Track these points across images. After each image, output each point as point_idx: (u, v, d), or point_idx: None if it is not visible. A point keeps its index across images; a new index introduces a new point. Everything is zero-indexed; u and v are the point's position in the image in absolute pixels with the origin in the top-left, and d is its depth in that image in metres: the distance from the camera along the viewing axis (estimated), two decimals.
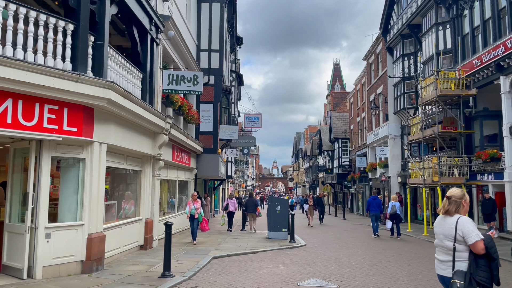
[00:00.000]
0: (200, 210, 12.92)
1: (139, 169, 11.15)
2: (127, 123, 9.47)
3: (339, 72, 65.35)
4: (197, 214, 12.81)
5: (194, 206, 12.75)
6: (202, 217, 12.98)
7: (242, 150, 42.42)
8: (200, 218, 12.90)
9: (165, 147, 12.59)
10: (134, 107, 8.98)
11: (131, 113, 9.06)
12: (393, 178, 25.71)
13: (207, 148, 18.82)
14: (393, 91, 25.66)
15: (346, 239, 15.87)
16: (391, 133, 25.98)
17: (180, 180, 16.51)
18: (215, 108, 19.05)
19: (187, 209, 12.85)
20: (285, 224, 14.66)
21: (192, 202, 12.87)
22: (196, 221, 12.89)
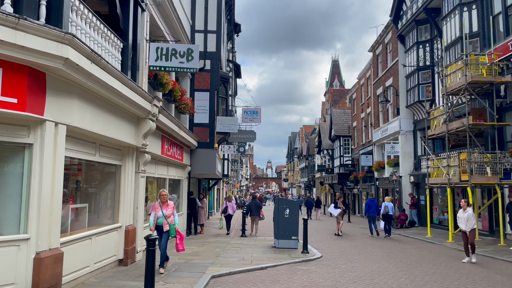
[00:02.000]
0: (172, 219, 8.60)
1: (118, 164, 8.80)
2: (100, 101, 7.14)
3: (338, 68, 63.28)
4: (168, 225, 8.50)
5: (163, 212, 8.47)
6: (175, 229, 8.61)
7: (238, 148, 40.04)
8: (172, 231, 8.54)
9: (152, 137, 10.25)
10: (107, 77, 6.64)
11: (104, 86, 6.72)
12: (404, 178, 23.56)
13: (203, 142, 16.49)
14: (405, 82, 23.52)
15: (364, 247, 13.63)
16: (403, 128, 23.82)
17: (172, 179, 14.16)
18: (211, 97, 16.73)
19: (151, 217, 8.60)
20: (294, 230, 12.39)
21: (160, 206, 8.55)
22: (166, 235, 8.56)
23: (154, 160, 11.35)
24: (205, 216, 17.60)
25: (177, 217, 8.82)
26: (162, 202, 8.65)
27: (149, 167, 10.79)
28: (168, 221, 8.55)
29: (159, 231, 8.60)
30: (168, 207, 8.66)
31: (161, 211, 8.56)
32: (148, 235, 6.03)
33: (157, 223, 8.58)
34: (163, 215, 8.52)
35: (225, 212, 17.60)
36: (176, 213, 8.83)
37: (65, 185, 7.38)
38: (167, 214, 8.58)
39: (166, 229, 8.56)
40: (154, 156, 11.03)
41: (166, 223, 8.55)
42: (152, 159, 10.98)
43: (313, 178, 66.59)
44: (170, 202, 8.79)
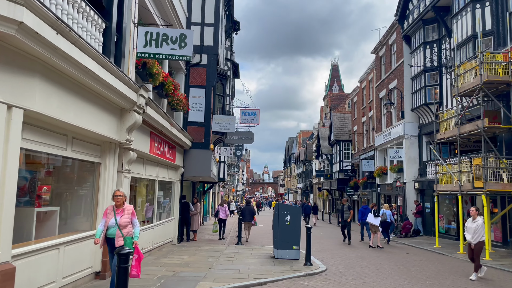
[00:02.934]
0: (130, 229, 6.40)
1: (97, 161, 7.64)
2: (73, 85, 6.01)
3: (338, 73, 62.37)
4: (122, 238, 6.22)
5: (116, 220, 6.26)
6: (134, 245, 6.34)
7: (235, 151, 38.93)
8: (128, 246, 6.18)
9: (138, 133, 9.12)
10: (79, 55, 5.52)
11: (76, 66, 5.60)
12: (409, 184, 22.45)
13: (197, 142, 15.35)
14: (411, 85, 22.50)
15: (371, 258, 12.49)
16: (407, 132, 22.76)
17: (162, 181, 13.00)
18: (207, 94, 15.61)
19: (99, 226, 6.41)
20: (296, 240, 11.24)
21: (113, 211, 6.34)
22: None
23: (141, 159, 10.20)
24: (199, 221, 16.43)
25: (137, 227, 6.55)
26: (117, 206, 6.39)
27: (135, 167, 9.63)
28: (123, 232, 6.26)
29: (110, 245, 6.32)
30: (124, 212, 6.37)
31: (114, 218, 6.27)
32: (119, 248, 4.88)
33: (107, 234, 6.28)
34: (116, 223, 6.25)
35: (217, 216, 17.39)
36: (137, 221, 6.55)
37: (32, 185, 6.26)
38: (122, 222, 6.27)
39: (120, 243, 6.14)
40: (141, 154, 9.88)
41: (119, 235, 6.21)
42: (139, 158, 9.83)
43: (311, 184, 65.52)
44: (129, 207, 6.52)
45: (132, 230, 6.48)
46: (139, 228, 6.59)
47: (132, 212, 6.53)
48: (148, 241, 11.11)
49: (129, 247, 6.23)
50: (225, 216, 17.36)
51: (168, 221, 13.72)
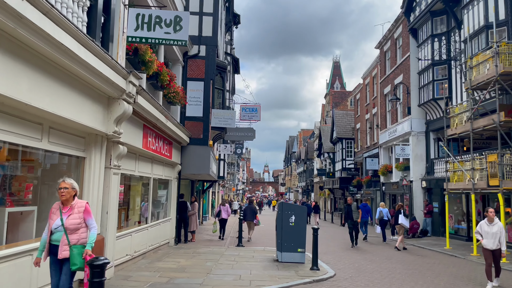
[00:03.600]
0: (81, 235, 4.85)
1: (81, 155, 6.82)
2: (49, 66, 5.20)
3: (339, 70, 61.51)
4: (69, 248, 4.69)
5: (62, 221, 4.75)
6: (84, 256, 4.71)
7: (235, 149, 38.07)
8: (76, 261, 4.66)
9: (129, 125, 8.31)
10: (53, 29, 4.70)
11: (49, 42, 4.78)
12: (415, 183, 21.63)
13: (195, 138, 14.53)
14: (418, 79, 21.67)
15: (381, 261, 11.67)
16: (414, 129, 21.93)
17: (158, 179, 12.19)
18: (206, 87, 14.78)
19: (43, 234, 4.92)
20: (301, 242, 10.43)
21: (60, 210, 4.85)
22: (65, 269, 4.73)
23: (133, 155, 9.38)
24: (196, 222, 15.62)
25: (94, 230, 4.92)
26: (63, 202, 4.83)
27: (126, 163, 8.82)
28: (70, 238, 4.68)
29: (52, 256, 4.76)
30: (74, 211, 4.80)
31: (60, 219, 4.73)
32: (93, 259, 4.06)
33: (51, 240, 4.75)
34: (62, 224, 4.70)
35: (218, 216, 16.81)
36: (93, 223, 4.96)
37: (3, 182, 5.46)
38: (70, 224, 4.72)
39: (64, 255, 4.63)
40: (133, 149, 9.07)
41: (65, 243, 4.66)
42: (130, 153, 9.02)
43: (312, 183, 64.80)
44: (80, 203, 4.92)
45: (85, 236, 4.88)
46: (96, 232, 4.96)
47: (86, 210, 4.91)
48: (141, 243, 10.31)
49: (78, 260, 4.63)
50: (227, 216, 16.86)
51: (164, 221, 12.91)
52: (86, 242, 4.85)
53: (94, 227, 4.99)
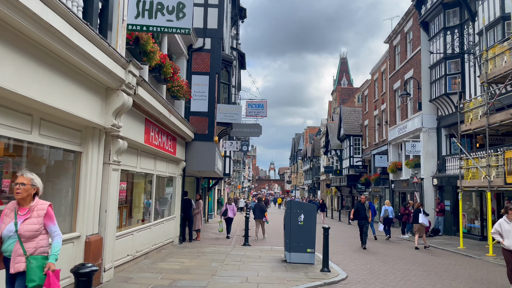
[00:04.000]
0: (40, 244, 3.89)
1: (77, 150, 6.38)
2: (39, 52, 4.76)
3: (346, 66, 60.79)
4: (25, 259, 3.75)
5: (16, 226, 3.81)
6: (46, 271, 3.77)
7: (241, 147, 37.63)
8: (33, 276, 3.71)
9: (129, 119, 7.86)
10: (37, 6, 4.23)
11: (33, 20, 4.31)
12: (426, 180, 21.04)
13: (200, 134, 14.08)
14: (429, 74, 21.05)
15: (394, 262, 11.16)
16: (425, 125, 21.32)
17: (161, 175, 11.76)
18: (211, 81, 14.31)
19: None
20: (310, 241, 9.94)
21: (15, 212, 3.89)
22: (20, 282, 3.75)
23: (135, 150, 8.94)
24: (201, 220, 15.19)
25: (58, 239, 4.02)
26: (19, 202, 3.94)
27: (127, 158, 8.38)
28: (26, 247, 3.78)
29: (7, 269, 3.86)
30: (32, 214, 3.90)
31: (14, 223, 3.82)
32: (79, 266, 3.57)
33: (3, 249, 3.84)
34: (16, 231, 3.79)
35: (225, 215, 16.43)
36: (56, 230, 4.07)
37: None
38: (25, 231, 3.81)
39: (18, 268, 3.74)
40: (135, 144, 8.63)
41: (20, 254, 3.76)
42: (131, 148, 8.58)
43: (318, 180, 64.26)
44: (41, 204, 3.99)
45: (45, 243, 3.93)
46: (60, 241, 4.05)
47: (48, 214, 3.97)
48: (144, 243, 9.88)
49: (37, 275, 3.70)
50: (233, 215, 16.62)
51: (168, 219, 12.48)
52: (47, 251, 3.91)
53: (58, 235, 4.01)
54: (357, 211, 14.59)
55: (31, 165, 5.64)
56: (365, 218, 14.38)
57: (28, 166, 5.70)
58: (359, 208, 14.66)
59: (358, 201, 15.28)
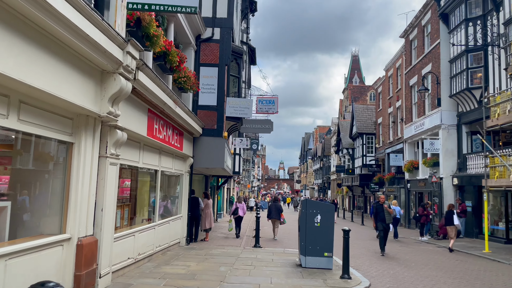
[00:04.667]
0: None
1: (67, 140, 5.63)
2: (15, 20, 3.99)
3: (358, 64, 59.62)
4: None
5: None
6: None
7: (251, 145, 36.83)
8: None
9: (130, 107, 7.10)
10: None
11: None
12: (446, 180, 20.02)
13: (209, 129, 13.30)
14: (449, 68, 20.03)
15: (418, 267, 10.25)
16: (445, 122, 20.30)
17: (167, 172, 11.01)
18: (221, 73, 13.53)
19: None
20: (328, 244, 9.10)
21: None
22: None
23: (136, 144, 8.19)
24: (211, 219, 14.42)
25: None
26: None
27: (128, 152, 7.63)
28: None
29: None
30: None
31: None
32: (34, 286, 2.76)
33: None
34: None
35: (235, 214, 16.02)
36: None
37: None
38: None
39: None
40: (136, 137, 7.87)
41: None
42: (133, 141, 7.83)
43: (328, 180, 63.30)
44: None
45: None
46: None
47: None
48: (147, 245, 9.13)
49: None
50: (243, 214, 16.27)
51: (174, 219, 11.73)
52: None
53: None
54: (376, 213, 13.03)
55: (12, 157, 4.90)
56: (385, 221, 12.71)
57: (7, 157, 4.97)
58: (378, 209, 13.09)
59: (376, 202, 13.69)
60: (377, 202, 13.55)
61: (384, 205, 13.11)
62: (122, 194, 8.69)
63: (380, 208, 13.02)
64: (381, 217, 12.80)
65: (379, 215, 12.86)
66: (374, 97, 50.02)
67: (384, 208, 13.00)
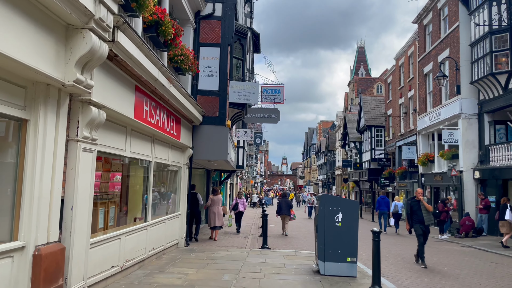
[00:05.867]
0: None
1: (19, 116, 4.21)
2: None
3: (364, 55, 57.95)
4: None
5: None
6: None
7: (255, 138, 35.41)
8: None
9: (110, 81, 5.66)
10: None
11: None
12: (466, 173, 18.55)
13: (210, 116, 11.88)
14: (470, 52, 18.53)
15: (457, 275, 8.82)
16: (465, 111, 18.81)
17: (162, 164, 9.61)
18: (223, 55, 12.08)
19: None
20: (351, 248, 7.67)
21: None
22: None
23: (122, 128, 6.76)
24: (219, 215, 13.18)
25: None
26: None
27: (110, 137, 6.21)
28: None
29: None
30: None
31: None
32: None
33: None
34: None
35: (235, 209, 15.85)
36: None
37: None
38: None
39: None
40: (120, 119, 6.45)
41: None
42: (116, 125, 6.42)
43: (333, 175, 61.97)
44: None
45: None
46: None
47: None
48: (137, 249, 7.73)
49: None
50: (244, 209, 16.14)
51: (171, 218, 10.33)
52: None
53: None
54: (412, 212, 9.98)
55: None
56: (424, 222, 9.78)
57: None
58: (413, 207, 9.98)
59: (412, 198, 10.41)
60: (412, 198, 10.35)
61: (423, 200, 9.92)
62: (112, 189, 7.33)
63: (416, 206, 9.93)
64: (418, 218, 9.82)
65: (416, 215, 9.88)
66: (381, 89, 48.52)
67: (423, 205, 9.87)
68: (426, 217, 9.77)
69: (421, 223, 9.78)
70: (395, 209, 18.59)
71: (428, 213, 9.81)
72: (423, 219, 9.76)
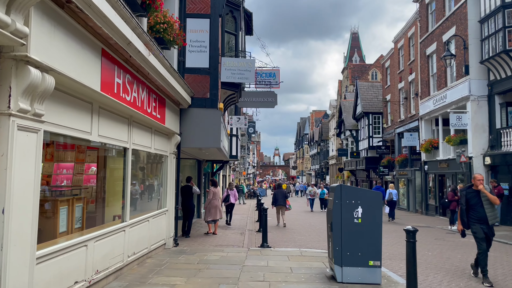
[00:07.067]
0: None
1: None
2: None
3: (358, 42, 56.51)
4: None
5: None
6: None
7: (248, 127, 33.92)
8: None
9: (62, 36, 4.13)
10: None
11: None
12: (476, 160, 17.33)
13: (200, 98, 10.38)
14: (479, 29, 17.18)
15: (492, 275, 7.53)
16: (474, 92, 17.53)
17: (143, 151, 8.13)
18: (213, 27, 10.54)
19: None
20: (374, 249, 6.30)
21: None
22: None
23: (85, 105, 5.25)
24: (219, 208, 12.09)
25: None
26: None
27: (67, 115, 4.71)
28: None
29: None
30: None
31: None
32: None
33: None
34: None
35: (226, 201, 15.36)
36: None
37: None
38: None
39: None
40: (82, 92, 4.95)
41: None
42: (77, 99, 4.92)
43: (327, 165, 61.01)
44: None
45: None
46: None
47: None
48: (113, 256, 6.28)
49: None
50: (235, 201, 15.86)
51: (156, 215, 8.87)
52: None
53: None
54: (468, 207, 7.11)
55: None
56: (487, 221, 6.88)
57: None
58: (470, 200, 7.08)
59: (468, 187, 7.29)
60: (468, 188, 7.25)
61: (484, 191, 6.94)
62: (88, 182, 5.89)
63: (475, 199, 7.03)
64: (478, 215, 6.97)
65: (474, 211, 7.02)
66: (376, 76, 47.24)
67: (485, 197, 6.94)
68: (490, 214, 6.91)
69: (482, 222, 6.91)
70: (390, 196, 18.58)
71: (492, 208, 6.94)
72: (485, 217, 6.88)
